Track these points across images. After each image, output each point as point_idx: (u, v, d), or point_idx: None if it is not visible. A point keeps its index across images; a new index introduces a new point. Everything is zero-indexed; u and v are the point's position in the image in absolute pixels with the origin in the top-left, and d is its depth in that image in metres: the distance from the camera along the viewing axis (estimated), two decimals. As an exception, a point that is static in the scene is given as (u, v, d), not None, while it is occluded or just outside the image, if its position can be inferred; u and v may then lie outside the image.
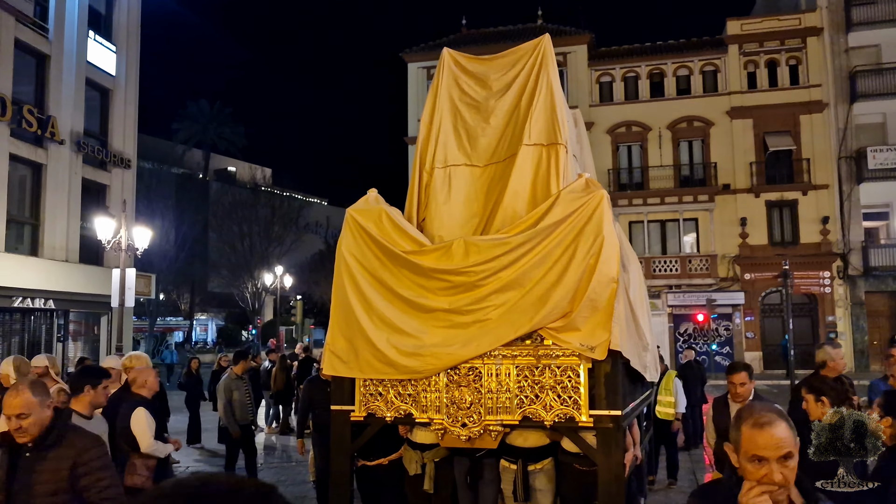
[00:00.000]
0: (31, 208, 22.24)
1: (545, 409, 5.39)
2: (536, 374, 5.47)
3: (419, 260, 5.81)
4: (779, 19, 32.00)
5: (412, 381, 5.77)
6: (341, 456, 6.03)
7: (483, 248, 5.63)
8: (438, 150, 6.57)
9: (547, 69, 6.44)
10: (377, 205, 6.23)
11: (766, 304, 31.07)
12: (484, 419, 5.50)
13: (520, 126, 6.37)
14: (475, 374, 5.59)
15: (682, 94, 32.44)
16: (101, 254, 24.73)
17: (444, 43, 36.37)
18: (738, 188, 31.13)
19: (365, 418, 5.91)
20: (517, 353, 5.54)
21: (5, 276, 19.96)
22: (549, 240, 5.47)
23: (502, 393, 5.51)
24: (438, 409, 5.65)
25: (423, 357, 5.63)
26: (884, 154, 29.39)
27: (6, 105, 20.48)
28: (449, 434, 5.59)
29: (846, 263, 29.91)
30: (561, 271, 5.40)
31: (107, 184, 25.19)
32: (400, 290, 5.86)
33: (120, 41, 26.27)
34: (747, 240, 30.84)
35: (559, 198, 5.55)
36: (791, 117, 31.01)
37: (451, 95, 6.79)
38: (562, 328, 5.36)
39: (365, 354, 5.86)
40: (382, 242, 5.97)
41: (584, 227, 5.39)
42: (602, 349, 5.22)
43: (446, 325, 5.67)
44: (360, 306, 5.96)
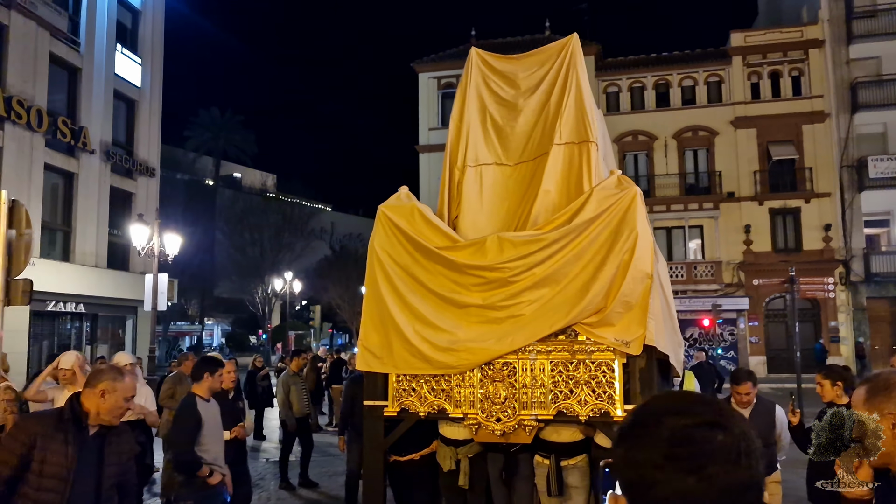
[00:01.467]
0: (63, 215, 22.89)
1: (580, 404, 5.35)
2: (571, 369, 5.44)
3: (453, 256, 5.77)
4: (781, 32, 32.33)
5: (445, 377, 5.72)
6: (374, 451, 5.97)
7: (517, 245, 5.60)
8: (469, 149, 6.53)
9: (576, 68, 6.40)
10: (409, 202, 6.20)
11: (769, 309, 31.22)
12: (518, 414, 5.45)
13: (549, 124, 6.32)
14: (509, 370, 5.55)
15: (687, 104, 32.74)
16: (128, 259, 25.56)
17: (454, 54, 36.68)
18: (743, 196, 31.40)
19: (398, 413, 5.85)
20: (551, 348, 5.49)
21: (40, 281, 20.54)
22: (583, 236, 5.43)
23: (537, 388, 5.47)
24: (472, 404, 5.60)
25: (457, 352, 5.59)
26: (884, 163, 29.64)
27: (43, 117, 21.21)
28: (483, 429, 5.54)
29: (848, 270, 30.09)
30: (596, 268, 5.37)
31: (133, 191, 25.95)
32: (433, 286, 5.82)
33: (145, 54, 27.08)
34: (751, 246, 31.12)
35: (592, 195, 5.52)
36: (794, 127, 31.32)
37: (479, 94, 6.74)
38: (597, 324, 5.34)
39: (399, 350, 5.82)
40: (415, 238, 5.93)
41: (619, 223, 5.35)
42: (637, 344, 5.19)
43: (480, 320, 5.63)
44: (393, 302, 5.91)
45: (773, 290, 30.35)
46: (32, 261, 19.27)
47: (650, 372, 5.31)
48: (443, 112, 36.26)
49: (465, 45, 38.00)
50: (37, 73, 21.34)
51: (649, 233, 5.49)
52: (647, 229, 5.44)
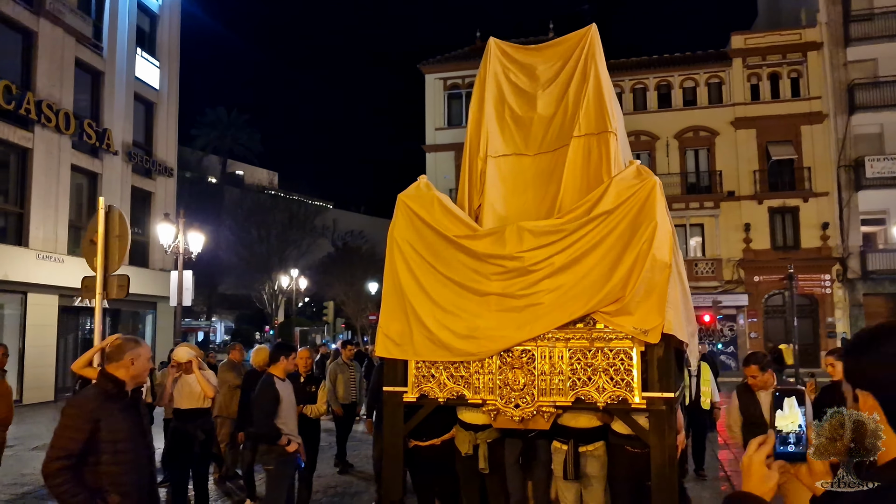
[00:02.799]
0: (87, 214, 23.16)
1: (598, 391, 5.33)
2: (589, 356, 5.41)
3: (473, 245, 5.76)
4: (780, 34, 32.65)
5: (465, 364, 5.71)
6: (394, 436, 5.97)
7: (536, 234, 5.57)
8: (491, 139, 6.49)
9: (594, 58, 6.32)
10: (428, 191, 6.17)
11: (768, 305, 31.61)
12: (537, 400, 5.44)
13: (569, 115, 6.26)
14: (528, 357, 5.52)
15: (688, 104, 33.14)
16: (147, 256, 26.27)
17: (459, 56, 37.10)
18: (742, 195, 31.79)
19: (418, 399, 5.85)
20: (570, 335, 5.45)
21: (68, 277, 20.86)
22: (602, 226, 5.39)
23: (555, 375, 5.45)
24: (491, 390, 5.60)
25: (477, 340, 5.58)
26: (881, 163, 30.03)
27: (70, 119, 21.90)
28: (502, 415, 5.53)
29: (845, 267, 30.50)
30: (615, 257, 5.33)
31: (152, 191, 26.70)
32: (453, 275, 5.80)
33: (163, 57, 27.77)
34: (751, 244, 31.57)
35: (611, 185, 5.47)
36: (792, 128, 31.68)
37: (498, 85, 6.68)
38: (615, 312, 5.30)
39: (419, 337, 5.81)
40: (435, 228, 5.91)
41: (637, 213, 5.30)
42: (656, 333, 5.16)
43: (500, 309, 5.60)
44: (413, 290, 5.90)
45: (772, 286, 30.66)
46: (62, 258, 20.26)
47: (668, 360, 5.30)
48: (449, 112, 36.75)
49: (471, 47, 38.44)
50: (63, 78, 21.96)
51: (668, 222, 5.49)
52: (665, 219, 5.43)
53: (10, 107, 19.71)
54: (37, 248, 20.57)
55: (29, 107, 20.31)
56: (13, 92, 19.83)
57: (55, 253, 21.15)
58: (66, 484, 3.88)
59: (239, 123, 58.05)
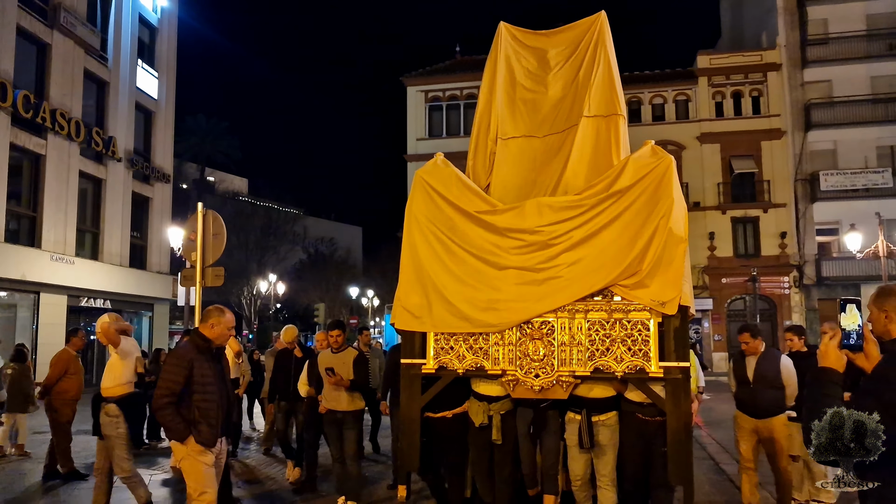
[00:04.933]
0: (92, 218, 24.14)
1: (616, 361, 5.34)
2: (607, 327, 5.42)
3: (493, 220, 5.77)
4: (743, 55, 33.93)
5: (483, 336, 5.69)
6: (412, 407, 5.95)
7: (556, 209, 5.60)
8: (501, 122, 6.51)
9: (604, 44, 6.37)
10: (446, 167, 6.17)
11: (731, 309, 32.67)
12: (556, 370, 5.44)
13: (578, 98, 6.28)
14: (548, 328, 5.52)
15: (657, 120, 34.26)
16: (145, 259, 27.01)
17: (440, 69, 37.84)
18: (707, 206, 32.87)
19: (437, 371, 5.84)
20: (589, 307, 5.47)
21: (76, 278, 21.88)
22: (620, 202, 5.42)
23: (574, 346, 5.45)
24: (511, 361, 5.58)
25: (498, 311, 5.58)
26: (834, 177, 31.43)
27: (80, 128, 22.56)
28: (521, 385, 5.52)
29: (801, 274, 31.79)
30: (633, 232, 5.36)
31: (150, 196, 27.28)
32: (473, 249, 5.79)
33: (161, 67, 28.34)
34: (715, 252, 32.72)
35: (629, 163, 5.51)
36: (754, 143, 32.96)
37: (509, 68, 6.69)
38: (634, 285, 5.33)
39: (439, 310, 5.78)
40: (455, 203, 5.92)
41: (655, 189, 5.35)
42: (673, 305, 5.20)
43: (520, 281, 5.59)
44: (433, 264, 5.89)
45: (735, 291, 31.95)
46: (72, 259, 21.34)
47: (684, 331, 5.36)
48: (430, 123, 37.49)
49: (451, 62, 39.25)
50: (74, 88, 22.60)
51: (682, 199, 5.54)
52: (681, 196, 5.49)
53: (28, 115, 20.32)
54: (49, 250, 21.15)
55: (45, 115, 20.92)
56: (31, 101, 20.48)
57: (65, 255, 21.74)
58: (170, 415, 4.89)
59: (218, 131, 58.18)
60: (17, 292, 20.71)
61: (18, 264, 19.60)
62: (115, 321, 6.93)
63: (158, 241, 27.53)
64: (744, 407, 6.79)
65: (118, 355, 6.80)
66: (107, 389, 6.69)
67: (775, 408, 6.55)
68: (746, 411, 6.74)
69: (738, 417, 6.86)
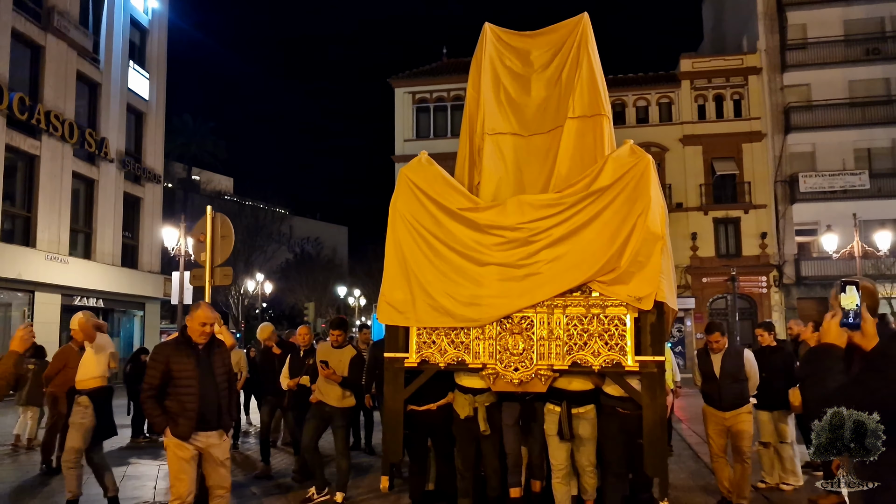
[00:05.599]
0: (84, 218, 24.31)
1: (593, 355, 5.43)
2: (585, 322, 5.50)
3: (475, 217, 5.85)
4: (724, 59, 34.26)
5: (465, 330, 5.77)
6: (395, 400, 6.03)
7: (536, 207, 5.67)
8: (488, 117, 6.57)
9: (587, 45, 6.43)
10: (430, 166, 6.21)
11: (713, 308, 32.96)
12: (535, 364, 5.53)
13: (562, 98, 6.35)
14: (527, 323, 5.61)
15: (641, 122, 34.48)
16: (137, 259, 27.16)
17: (427, 71, 37.98)
18: (690, 206, 33.19)
19: (419, 365, 5.92)
20: (568, 303, 5.55)
21: (70, 278, 22.04)
22: (599, 200, 5.50)
23: (553, 340, 5.54)
24: (491, 355, 5.67)
25: (479, 307, 5.66)
26: (813, 179, 31.97)
27: (74, 129, 22.75)
28: (501, 378, 5.61)
29: (781, 273, 32.26)
30: (612, 230, 5.44)
31: (141, 196, 27.40)
32: (455, 245, 5.87)
33: (152, 69, 28.44)
34: (697, 252, 33.01)
35: (608, 162, 5.59)
36: (735, 145, 33.31)
37: (493, 68, 6.74)
38: (611, 281, 5.41)
39: (422, 305, 5.86)
40: (438, 200, 5.99)
41: (634, 188, 5.44)
42: (649, 300, 5.29)
43: (501, 277, 5.68)
44: (416, 260, 5.96)
45: (716, 290, 32.28)
46: (66, 259, 21.65)
47: (660, 326, 5.44)
48: (417, 125, 37.63)
49: (438, 63, 39.30)
50: (67, 90, 22.76)
51: (661, 197, 5.64)
52: (658, 195, 5.58)
53: (24, 117, 20.52)
54: (44, 250, 21.32)
55: (39, 117, 21.12)
56: (26, 103, 20.66)
57: (59, 254, 21.90)
58: (150, 408, 5.06)
59: (204, 131, 58.00)
60: (12, 291, 20.98)
61: (14, 263, 19.86)
62: (89, 318, 7.13)
63: (150, 241, 27.68)
64: (711, 401, 6.92)
65: (93, 350, 6.92)
66: (80, 382, 6.83)
67: (740, 400, 6.74)
68: (714, 405, 6.87)
69: (707, 411, 6.99)
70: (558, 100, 6.42)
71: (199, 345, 5.19)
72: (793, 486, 7.58)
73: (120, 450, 10.90)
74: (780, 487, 7.62)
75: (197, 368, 5.07)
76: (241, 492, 7.79)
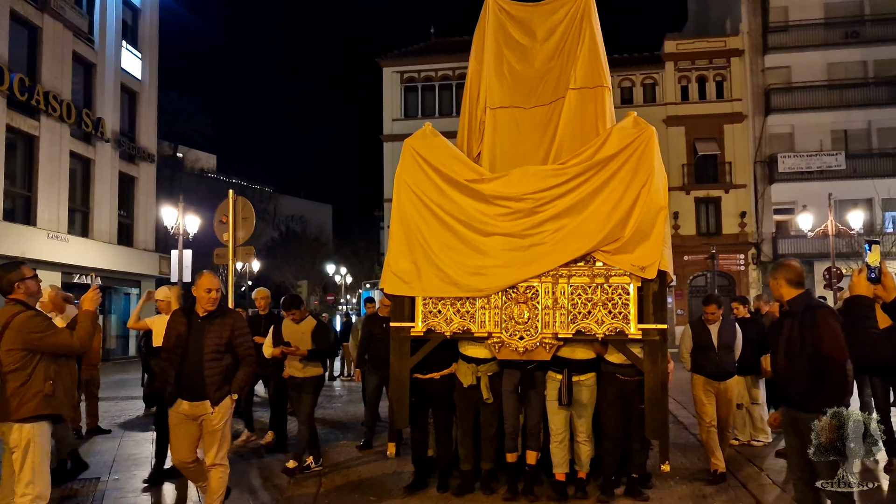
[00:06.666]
0: (82, 197, 24.42)
1: (597, 324, 5.49)
2: (589, 292, 5.55)
3: (480, 188, 5.84)
4: (708, 41, 34.62)
5: (470, 300, 5.79)
6: (401, 368, 6.05)
7: (541, 177, 5.68)
8: (489, 90, 6.55)
9: (590, 17, 6.41)
10: (434, 137, 6.19)
11: (693, 285, 33.82)
12: (540, 333, 5.58)
13: (566, 70, 6.33)
14: (533, 292, 5.65)
15: (625, 103, 34.19)
16: (132, 237, 27.31)
17: (414, 51, 37.98)
18: (672, 186, 31.97)
19: (425, 333, 5.94)
20: (572, 272, 5.58)
21: (70, 256, 22.27)
22: (604, 171, 5.52)
23: (557, 309, 5.59)
24: (497, 324, 5.70)
25: (485, 276, 5.67)
26: (791, 160, 32.68)
27: (71, 109, 22.85)
28: (506, 347, 5.64)
29: (759, 251, 32.97)
30: (615, 200, 5.47)
31: (136, 176, 27.57)
32: (461, 216, 5.86)
33: (144, 48, 28.40)
34: (679, 230, 33.36)
35: (612, 133, 5.61)
36: (717, 126, 33.82)
37: (497, 39, 6.68)
38: (615, 251, 5.46)
39: (427, 275, 5.86)
40: (444, 171, 5.96)
41: (638, 159, 5.46)
42: (652, 269, 5.37)
43: (506, 247, 5.69)
44: (423, 230, 5.95)
45: (697, 268, 32.94)
46: (66, 237, 22.15)
47: (662, 294, 5.50)
48: (405, 104, 37.86)
49: (426, 43, 39.02)
50: (63, 70, 22.77)
51: (662, 168, 5.65)
52: (661, 165, 5.59)
53: (24, 98, 20.62)
54: (44, 228, 21.55)
55: (38, 98, 21.20)
56: (26, 84, 20.75)
57: (59, 233, 22.10)
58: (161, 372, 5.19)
59: (190, 108, 56.50)
60: (14, 269, 21.43)
61: (18, 242, 20.28)
62: (58, 291, 7.26)
63: (144, 220, 28.01)
64: (706, 371, 6.88)
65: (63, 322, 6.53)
66: None
67: (734, 369, 6.90)
68: (710, 375, 6.85)
69: (702, 382, 6.94)
70: (560, 71, 6.39)
71: (200, 314, 5.08)
72: (762, 443, 8.27)
73: (138, 418, 11.17)
74: (751, 444, 8.28)
75: (186, 337, 5.00)
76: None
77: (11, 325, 4.21)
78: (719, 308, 7.05)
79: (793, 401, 4.13)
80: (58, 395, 4.32)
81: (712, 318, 7.01)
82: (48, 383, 4.26)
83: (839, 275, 21.84)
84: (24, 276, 4.44)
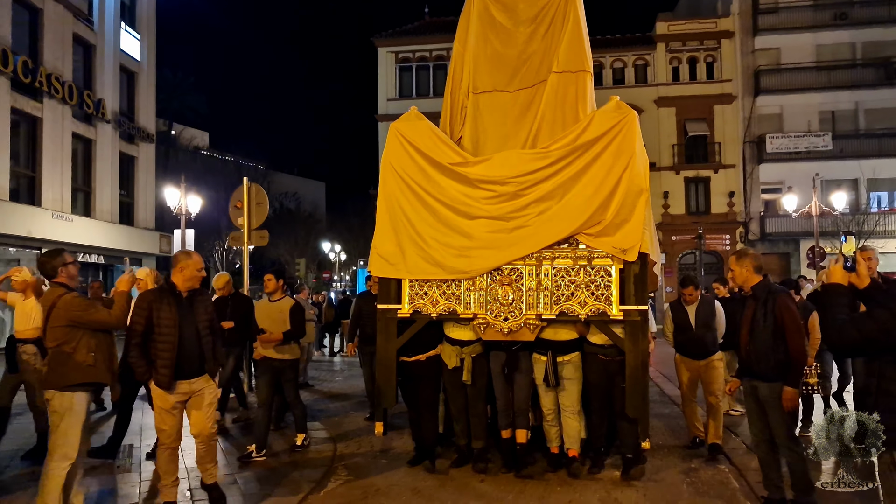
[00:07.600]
0: (83, 177, 24.62)
1: (580, 305, 5.53)
2: (572, 274, 5.59)
3: (465, 171, 5.85)
4: (699, 22, 34.63)
5: (456, 282, 5.83)
6: (388, 349, 6.08)
7: (525, 160, 5.69)
8: (473, 75, 6.54)
9: (574, 1, 6.41)
10: (420, 121, 6.19)
11: (682, 263, 34.14)
12: (524, 314, 5.63)
13: (549, 54, 6.31)
14: (517, 274, 5.69)
15: (617, 83, 34.93)
16: (133, 216, 27.50)
17: (409, 30, 37.93)
18: (663, 166, 33.84)
19: (412, 315, 5.97)
20: (556, 255, 5.62)
21: (74, 235, 22.51)
22: (587, 154, 5.53)
23: (541, 291, 5.64)
24: (482, 305, 5.74)
25: (470, 259, 5.71)
26: (779, 140, 32.89)
27: (73, 91, 22.96)
28: (491, 328, 5.70)
29: (747, 230, 33.29)
30: (598, 183, 5.48)
31: (135, 155, 27.76)
32: (446, 199, 5.89)
33: (142, 29, 28.39)
34: (669, 210, 33.97)
35: (595, 117, 5.62)
36: (707, 107, 34.02)
37: (482, 22, 6.66)
38: (598, 234, 5.49)
39: (413, 257, 5.89)
40: (429, 155, 5.98)
41: (619, 142, 5.48)
42: (633, 252, 5.40)
43: (490, 230, 5.73)
44: (408, 213, 5.98)
45: (686, 246, 33.19)
46: (70, 217, 22.61)
47: (643, 276, 5.54)
48: (400, 84, 37.94)
49: (420, 22, 38.86)
50: (64, 52, 22.81)
51: (644, 152, 5.66)
52: (642, 149, 5.60)
53: (28, 80, 20.73)
54: (49, 208, 21.75)
55: (42, 80, 21.32)
56: (29, 66, 20.85)
57: (63, 212, 22.32)
58: (134, 357, 4.93)
59: (185, 86, 56.90)
60: (22, 249, 21.88)
61: (24, 222, 20.70)
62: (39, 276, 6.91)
63: (144, 199, 28.24)
64: (686, 351, 7.07)
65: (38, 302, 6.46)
66: (21, 332, 6.72)
67: (714, 347, 6.97)
68: (689, 354, 7.03)
69: (682, 361, 7.16)
70: (543, 54, 6.36)
71: (182, 293, 5.07)
72: (740, 412, 8.54)
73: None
74: (731, 413, 8.61)
75: (178, 317, 4.96)
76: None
77: (58, 304, 4.72)
78: (696, 289, 7.15)
79: (755, 371, 4.74)
80: (98, 366, 4.77)
81: (689, 300, 7.11)
82: (90, 355, 4.72)
83: (822, 253, 22.49)
84: (66, 262, 4.99)
